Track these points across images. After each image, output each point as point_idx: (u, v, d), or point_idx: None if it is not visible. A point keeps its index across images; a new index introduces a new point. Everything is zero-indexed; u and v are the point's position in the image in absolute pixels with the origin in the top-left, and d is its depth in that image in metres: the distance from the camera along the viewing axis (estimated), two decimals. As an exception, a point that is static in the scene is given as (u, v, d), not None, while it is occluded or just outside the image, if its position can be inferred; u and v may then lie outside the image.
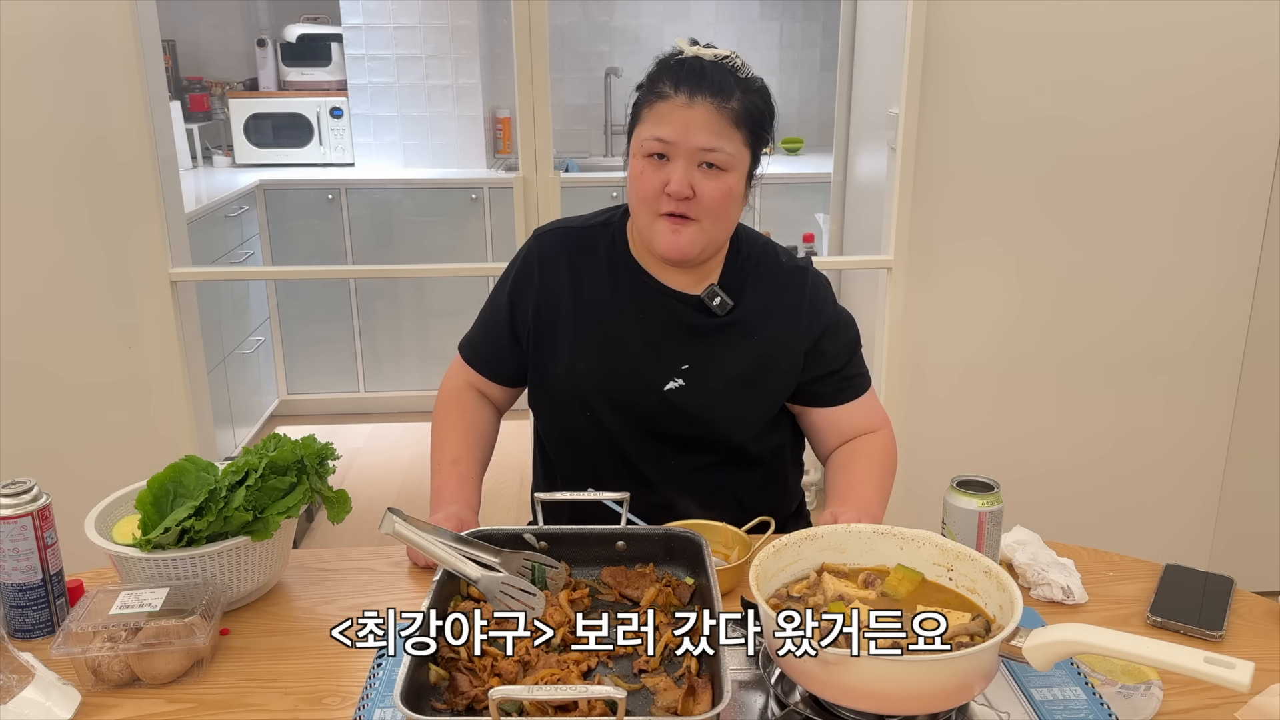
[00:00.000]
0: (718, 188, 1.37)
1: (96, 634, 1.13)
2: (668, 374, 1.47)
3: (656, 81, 1.38)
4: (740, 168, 1.39)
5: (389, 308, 4.18)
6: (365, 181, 4.09)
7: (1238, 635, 1.23)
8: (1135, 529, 2.67)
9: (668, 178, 1.36)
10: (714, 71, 1.36)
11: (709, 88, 1.35)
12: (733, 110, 1.35)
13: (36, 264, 2.38)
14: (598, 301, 1.49)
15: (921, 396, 2.60)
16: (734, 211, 1.42)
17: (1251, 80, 2.39)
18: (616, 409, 1.49)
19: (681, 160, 1.36)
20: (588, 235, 1.53)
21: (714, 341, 1.48)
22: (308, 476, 1.30)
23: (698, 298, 1.47)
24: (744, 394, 1.48)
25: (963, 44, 2.36)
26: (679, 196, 1.36)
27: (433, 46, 4.16)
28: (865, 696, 0.96)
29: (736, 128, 1.36)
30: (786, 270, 1.53)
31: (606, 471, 1.50)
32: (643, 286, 1.49)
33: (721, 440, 1.50)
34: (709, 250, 1.43)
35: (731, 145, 1.36)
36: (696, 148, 1.35)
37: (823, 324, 1.51)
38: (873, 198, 2.85)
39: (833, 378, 1.52)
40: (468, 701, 1.01)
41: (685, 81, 1.35)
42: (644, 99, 1.39)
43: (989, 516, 1.25)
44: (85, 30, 2.26)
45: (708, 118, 1.34)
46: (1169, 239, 2.50)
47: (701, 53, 1.39)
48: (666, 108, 1.35)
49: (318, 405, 4.28)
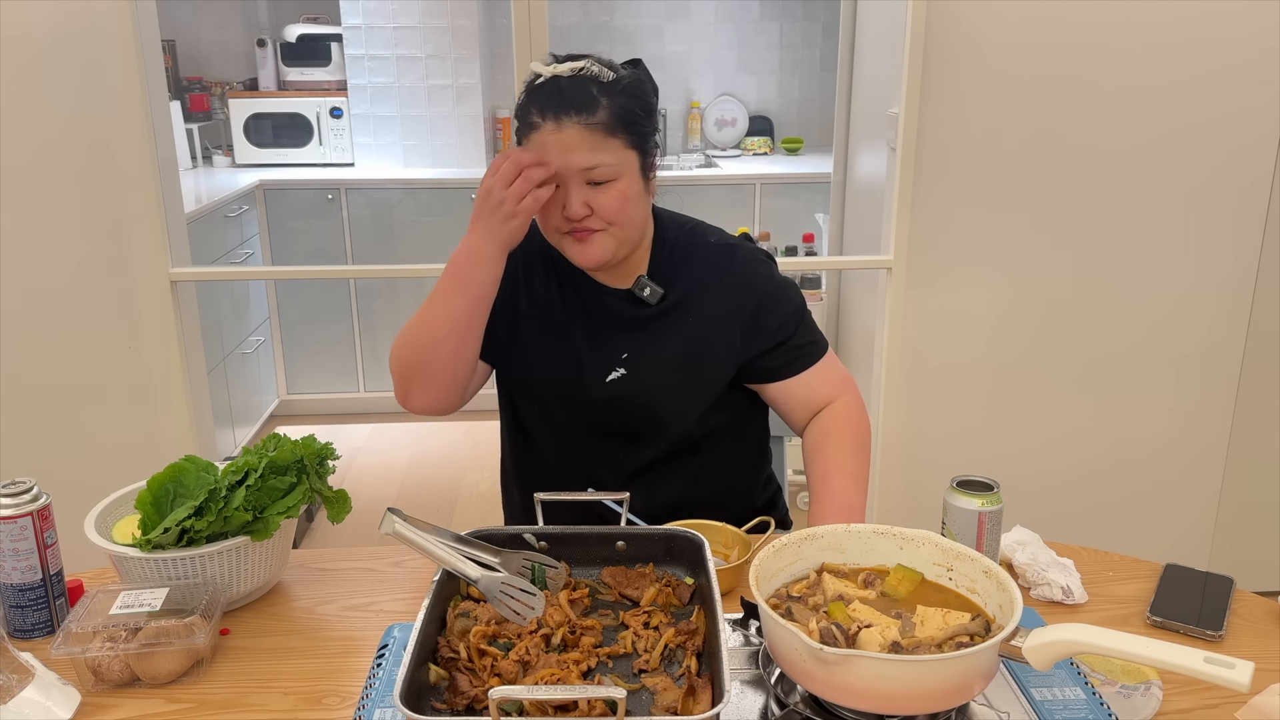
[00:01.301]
0: (610, 199, 1.39)
1: (96, 634, 1.13)
2: (609, 365, 1.50)
3: (525, 112, 1.40)
4: (628, 170, 1.40)
5: (389, 308, 4.18)
6: (365, 181, 4.09)
7: (1238, 635, 1.23)
8: (1135, 529, 2.67)
9: (562, 201, 1.38)
10: (572, 89, 1.37)
11: (572, 107, 1.36)
12: (601, 122, 1.36)
13: (37, 264, 2.38)
14: (543, 301, 1.53)
15: (922, 396, 2.60)
16: (636, 211, 1.43)
17: (1251, 79, 2.39)
18: (565, 405, 1.53)
19: (570, 183, 1.38)
20: (534, 237, 1.55)
21: (651, 329, 1.50)
22: (308, 476, 1.30)
23: (629, 290, 1.50)
24: (684, 375, 1.50)
25: (963, 44, 2.36)
26: (576, 218, 1.39)
27: (433, 46, 4.16)
28: (865, 696, 0.96)
29: (611, 136, 1.37)
30: (715, 249, 1.54)
31: (561, 470, 1.54)
32: (579, 285, 1.53)
33: (668, 424, 1.52)
34: (623, 250, 1.45)
35: (611, 155, 1.37)
36: (578, 169, 1.37)
37: (756, 298, 1.51)
38: (873, 198, 2.85)
39: (779, 350, 1.52)
40: (468, 701, 1.01)
41: (549, 106, 1.36)
42: (520, 131, 1.42)
43: (989, 516, 1.26)
44: (85, 30, 2.26)
45: (579, 137, 1.35)
46: (1169, 238, 2.50)
47: (558, 70, 1.39)
48: (539, 138, 1.37)
49: (318, 405, 4.28)
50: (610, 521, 1.39)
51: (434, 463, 3.86)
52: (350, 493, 1.34)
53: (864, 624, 1.02)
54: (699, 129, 4.67)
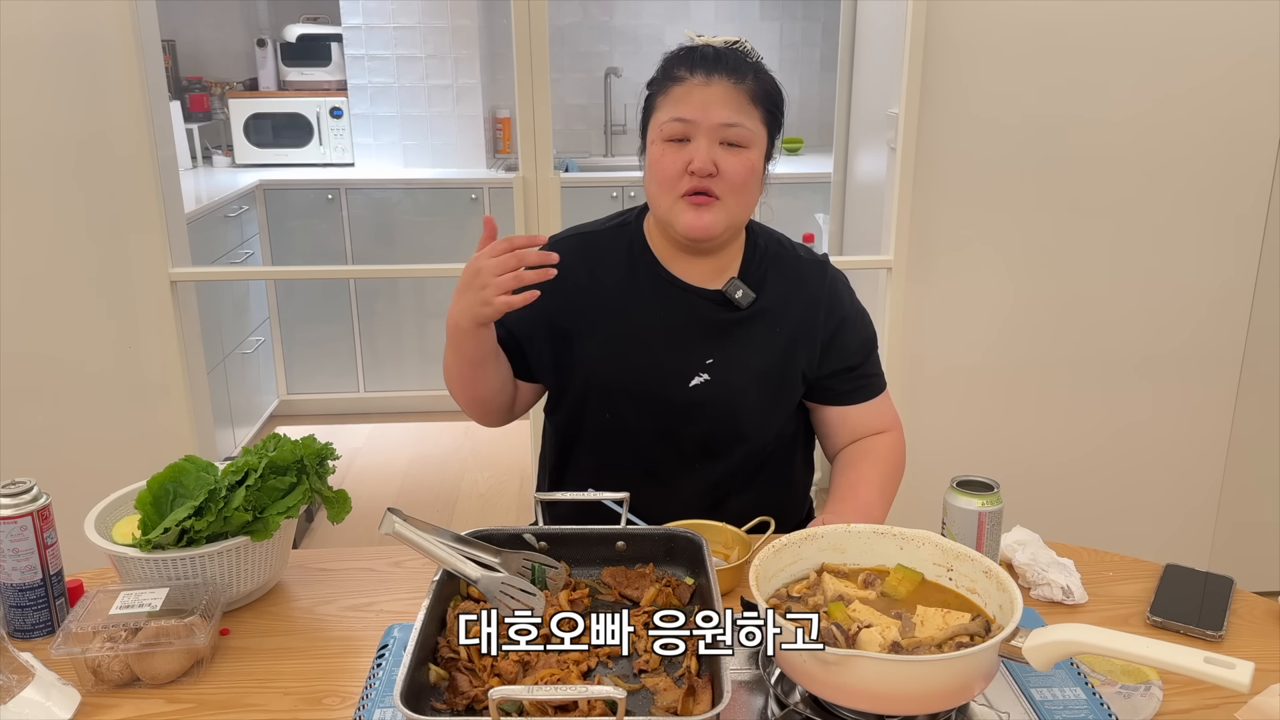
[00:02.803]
0: (740, 163, 1.38)
1: (96, 634, 1.13)
2: (692, 369, 1.45)
3: (671, 68, 1.40)
4: (759, 145, 1.40)
5: (389, 308, 4.18)
6: (365, 181, 4.09)
7: (1238, 635, 1.23)
8: (1135, 529, 2.67)
9: (689, 157, 1.36)
10: (727, 54, 1.39)
11: (724, 68, 1.37)
12: (749, 88, 1.38)
13: (37, 265, 2.38)
14: (618, 301, 1.48)
15: (922, 396, 2.60)
16: (755, 191, 1.43)
17: (1252, 78, 2.39)
18: (640, 408, 1.47)
19: (703, 138, 1.36)
20: (603, 238, 1.53)
21: (737, 336, 1.47)
22: (308, 476, 1.30)
23: (719, 292, 1.47)
24: (769, 388, 1.47)
25: (963, 44, 2.36)
26: (703, 173, 1.36)
27: (433, 46, 4.16)
28: (865, 696, 0.96)
29: (754, 104, 1.38)
30: (806, 263, 1.53)
31: (621, 477, 1.46)
32: (663, 284, 1.48)
33: (748, 434, 1.48)
34: (730, 232, 1.43)
35: (750, 121, 1.38)
36: (717, 124, 1.36)
37: (840, 316, 1.50)
38: (873, 198, 2.85)
39: (850, 374, 1.51)
40: (468, 701, 1.01)
41: (700, 64, 1.38)
42: (659, 87, 1.41)
43: (989, 516, 1.26)
44: (85, 30, 2.26)
45: (725, 95, 1.36)
46: (1169, 237, 2.50)
47: (712, 40, 1.42)
48: (683, 90, 1.37)
49: (318, 405, 4.28)
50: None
51: (434, 463, 3.86)
52: (350, 493, 1.34)
53: (864, 624, 1.02)
54: (699, 129, 4.67)
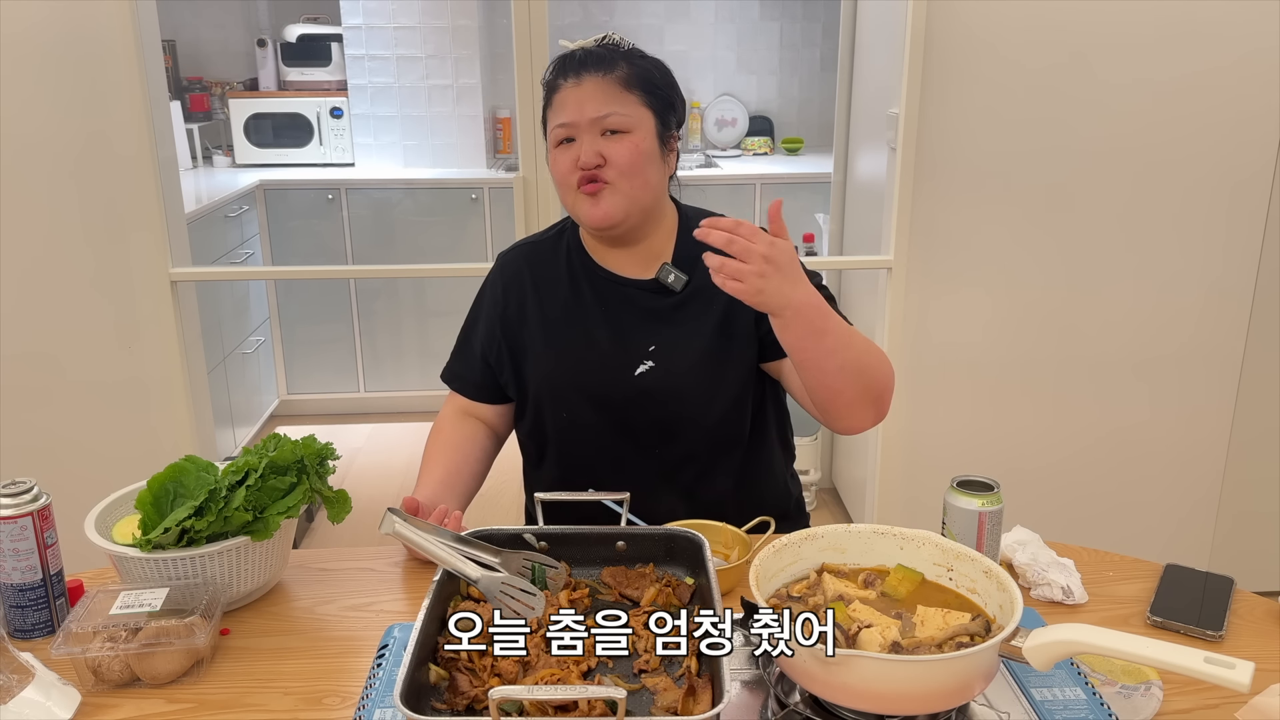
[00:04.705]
0: (624, 148, 1.42)
1: (96, 634, 1.13)
2: (636, 358, 1.49)
3: (550, 80, 1.48)
4: (644, 127, 1.44)
5: (389, 308, 4.18)
6: (365, 181, 4.09)
7: (1238, 635, 1.23)
8: (1135, 529, 2.67)
9: (577, 154, 1.43)
10: (594, 52, 1.46)
11: (592, 65, 1.44)
12: (620, 76, 1.44)
13: (37, 265, 2.38)
14: (561, 304, 1.54)
15: (921, 396, 2.60)
16: (649, 171, 1.45)
17: (1252, 78, 2.39)
18: (592, 404, 1.52)
19: (584, 135, 1.42)
20: (545, 246, 1.60)
21: (676, 320, 1.50)
22: (308, 476, 1.30)
23: (653, 280, 1.51)
24: (713, 364, 1.49)
25: (963, 44, 2.36)
26: (588, 165, 1.42)
27: (433, 46, 4.16)
28: (865, 696, 0.96)
29: (628, 90, 1.44)
30: None
31: (587, 476, 1.51)
32: (600, 280, 1.53)
33: (699, 415, 1.50)
34: (635, 215, 1.46)
35: (625, 107, 1.43)
36: (592, 118, 1.42)
37: None
38: (873, 198, 2.85)
39: None
40: (468, 701, 1.01)
41: (570, 68, 1.45)
42: (545, 101, 1.49)
43: (989, 516, 1.25)
44: (85, 30, 2.26)
45: (596, 89, 1.43)
46: (1168, 237, 2.50)
47: (584, 44, 1.48)
48: (560, 97, 1.45)
49: (318, 405, 4.28)
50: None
51: (434, 463, 3.85)
52: (350, 493, 1.34)
53: (864, 624, 1.02)
54: (699, 129, 4.67)
